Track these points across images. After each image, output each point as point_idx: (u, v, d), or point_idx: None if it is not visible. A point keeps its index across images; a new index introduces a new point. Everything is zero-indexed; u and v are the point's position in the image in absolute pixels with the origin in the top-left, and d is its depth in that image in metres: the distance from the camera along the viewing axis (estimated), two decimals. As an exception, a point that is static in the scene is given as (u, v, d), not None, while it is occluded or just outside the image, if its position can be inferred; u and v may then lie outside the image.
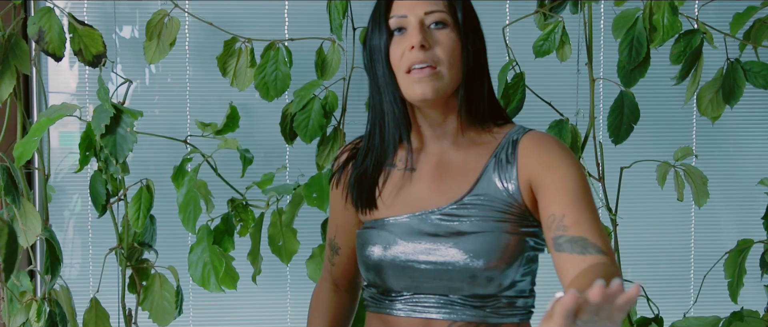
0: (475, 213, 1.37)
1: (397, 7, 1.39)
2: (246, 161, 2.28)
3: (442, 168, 1.43)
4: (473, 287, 1.35)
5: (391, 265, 1.40)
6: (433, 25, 1.37)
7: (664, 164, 2.29)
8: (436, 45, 1.36)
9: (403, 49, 1.37)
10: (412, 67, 1.35)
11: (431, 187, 1.42)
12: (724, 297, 2.40)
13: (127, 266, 2.29)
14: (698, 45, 2.20)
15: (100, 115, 2.03)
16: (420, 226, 1.39)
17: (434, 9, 1.37)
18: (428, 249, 1.37)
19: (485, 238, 1.34)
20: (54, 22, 2.11)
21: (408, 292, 1.40)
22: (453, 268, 1.34)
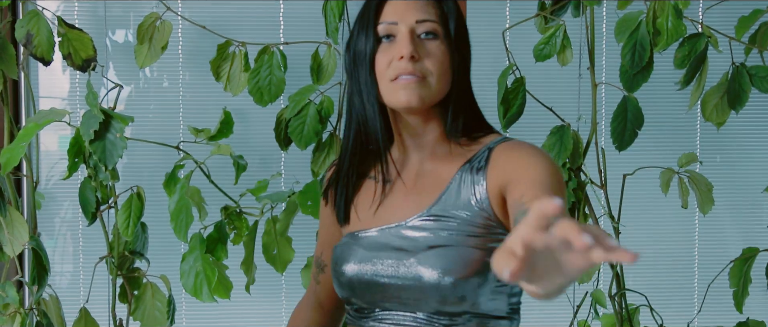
0: (442, 226, 1.30)
1: (387, 13, 1.33)
2: (240, 168, 2.23)
3: (417, 180, 1.37)
4: (442, 305, 1.28)
5: (359, 281, 1.34)
6: (423, 34, 1.32)
7: (668, 171, 2.24)
8: (425, 56, 1.30)
9: (391, 57, 1.31)
10: (399, 76, 1.30)
11: (403, 200, 1.36)
12: (728, 306, 2.35)
13: (117, 275, 2.24)
14: (703, 49, 2.15)
15: (88, 121, 1.98)
16: (387, 240, 1.33)
17: (426, 18, 1.31)
18: (394, 264, 1.30)
19: (451, 252, 1.27)
20: (42, 25, 2.06)
21: (378, 308, 1.34)
22: (419, 285, 1.27)
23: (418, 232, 1.31)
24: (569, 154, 2.17)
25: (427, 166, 1.37)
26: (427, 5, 1.33)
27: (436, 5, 1.34)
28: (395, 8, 1.33)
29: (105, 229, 2.22)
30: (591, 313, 2.38)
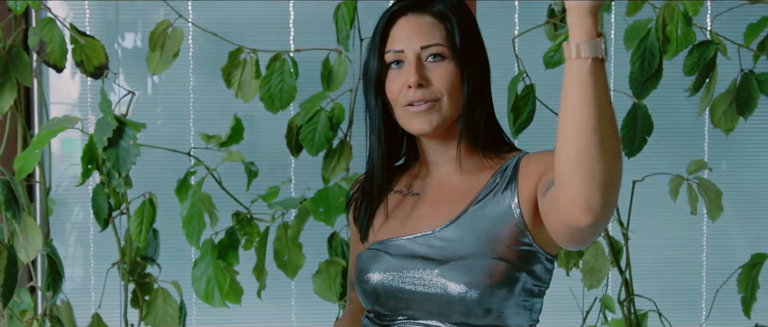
0: (470, 235, 1.31)
1: (393, 41, 1.34)
2: (251, 174, 2.25)
3: (444, 192, 1.38)
4: (466, 317, 1.28)
5: (384, 289, 1.34)
6: (430, 58, 1.32)
7: (678, 178, 2.25)
8: (433, 80, 1.31)
9: (401, 84, 1.32)
10: (411, 104, 1.31)
11: (431, 210, 1.37)
12: (736, 312, 2.37)
13: (129, 281, 2.26)
14: (712, 56, 2.17)
15: (102, 128, 1.99)
16: (414, 249, 1.34)
17: (431, 42, 1.32)
18: (420, 274, 1.31)
19: (478, 264, 1.28)
20: (55, 33, 2.08)
21: (402, 316, 1.34)
22: (445, 296, 1.28)
23: (446, 241, 1.32)
24: (579, 160, 2.19)
25: (455, 179, 1.38)
26: (433, 27, 1.33)
27: (442, 26, 1.34)
28: (400, 35, 1.34)
29: (117, 235, 2.24)
30: (600, 318, 2.40)
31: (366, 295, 1.38)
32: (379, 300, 1.36)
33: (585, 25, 1.04)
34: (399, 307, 1.33)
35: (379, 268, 1.35)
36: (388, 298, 1.34)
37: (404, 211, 1.40)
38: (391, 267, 1.34)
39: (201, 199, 2.17)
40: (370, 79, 1.37)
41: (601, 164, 1.03)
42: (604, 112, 1.03)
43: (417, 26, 1.33)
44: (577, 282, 2.38)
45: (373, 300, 1.37)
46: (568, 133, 1.05)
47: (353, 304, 1.56)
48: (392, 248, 1.37)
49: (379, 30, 1.36)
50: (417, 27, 1.33)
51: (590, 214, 1.05)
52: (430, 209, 1.37)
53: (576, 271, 2.35)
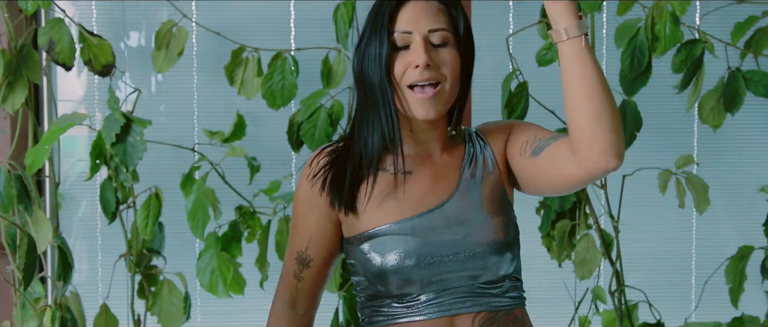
0: (470, 198, 1.42)
1: (401, 22, 1.38)
2: (253, 169, 2.32)
3: (435, 168, 1.46)
4: (497, 266, 1.40)
5: (417, 267, 1.39)
6: (437, 43, 1.39)
7: (666, 172, 2.32)
8: (441, 64, 1.38)
9: (406, 64, 1.37)
10: (415, 84, 1.38)
11: (430, 186, 1.44)
12: (725, 302, 2.43)
13: (136, 272, 2.33)
14: (699, 54, 2.24)
15: (110, 125, 2.07)
16: (433, 222, 1.41)
17: (438, 27, 1.38)
18: (453, 241, 1.39)
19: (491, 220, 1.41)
20: (64, 32, 2.15)
21: (432, 292, 1.40)
22: (476, 253, 1.39)
23: (457, 210, 1.41)
24: (571, 155, 2.26)
25: (437, 156, 1.46)
26: (439, 12, 1.40)
27: (446, 11, 1.41)
28: (409, 16, 1.39)
29: (124, 227, 2.31)
30: (591, 308, 2.46)
31: (385, 277, 1.40)
32: (400, 281, 1.39)
33: (567, 11, 1.27)
34: (430, 281, 1.39)
35: (401, 250, 1.39)
36: (417, 276, 1.38)
37: (403, 190, 1.43)
38: (414, 245, 1.39)
39: (205, 193, 2.24)
40: (376, 58, 1.39)
41: (615, 116, 1.28)
42: (602, 76, 1.28)
43: (425, 9, 1.39)
44: (569, 273, 2.45)
45: (391, 282, 1.40)
46: (582, 100, 1.27)
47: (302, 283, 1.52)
48: (406, 227, 1.40)
49: (387, 12, 1.39)
50: (425, 10, 1.39)
51: (619, 156, 1.29)
52: (430, 186, 1.43)
53: (568, 262, 2.42)
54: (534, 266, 2.72)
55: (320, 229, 1.48)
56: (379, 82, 1.39)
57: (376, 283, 1.42)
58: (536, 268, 2.70)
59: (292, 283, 1.52)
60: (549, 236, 2.42)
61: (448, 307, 1.39)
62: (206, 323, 2.67)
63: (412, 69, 1.37)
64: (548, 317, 2.65)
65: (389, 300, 1.42)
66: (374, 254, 1.41)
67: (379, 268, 1.40)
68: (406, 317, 1.41)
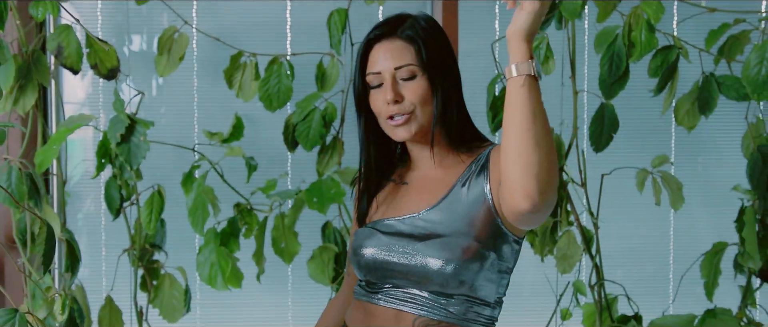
0: (448, 217, 1.53)
1: (372, 63, 1.56)
2: (251, 168, 2.43)
3: (427, 182, 1.60)
4: (443, 288, 1.50)
5: (374, 262, 1.56)
6: (403, 78, 1.53)
7: (643, 171, 2.43)
8: (407, 96, 1.52)
9: (382, 101, 1.54)
10: (390, 116, 1.54)
11: (417, 196, 1.59)
12: (701, 296, 2.54)
13: (139, 266, 2.44)
14: (674, 60, 2.34)
15: (115, 125, 2.18)
16: (401, 228, 1.56)
17: (403, 64, 1.52)
18: (405, 250, 1.52)
19: (453, 241, 1.48)
20: (72, 38, 2.25)
21: (388, 284, 1.56)
22: (424, 270, 1.50)
23: (429, 222, 1.54)
24: (552, 155, 2.36)
25: (435, 172, 1.60)
26: (404, 50, 1.53)
27: (412, 47, 1.53)
28: (377, 58, 1.55)
29: (128, 223, 2.42)
30: (573, 301, 2.56)
31: (360, 266, 1.59)
32: (371, 271, 1.57)
33: (521, 49, 1.37)
34: (386, 277, 1.55)
35: (372, 244, 1.57)
36: (377, 269, 1.55)
37: (395, 197, 1.63)
38: (381, 243, 1.56)
39: (204, 191, 2.35)
40: (356, 98, 1.61)
41: (535, 158, 1.30)
42: (536, 117, 1.32)
43: (390, 50, 1.54)
44: (551, 268, 2.55)
45: (365, 271, 1.59)
46: (509, 135, 1.32)
47: (350, 277, 1.78)
48: (383, 227, 1.58)
49: (359, 55, 1.59)
50: (390, 50, 1.54)
51: (529, 200, 1.31)
52: (416, 196, 1.59)
53: (550, 257, 2.52)
54: (521, 262, 2.81)
55: None
56: (362, 119, 1.62)
57: (355, 266, 1.62)
58: (522, 264, 2.80)
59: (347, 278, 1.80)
60: (532, 232, 2.52)
61: (397, 302, 1.54)
62: (205, 315, 2.78)
63: (386, 105, 1.53)
64: (532, 309, 2.77)
65: (361, 282, 1.63)
66: (355, 242, 1.61)
67: (354, 256, 1.60)
68: (367, 298, 1.59)
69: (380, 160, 1.67)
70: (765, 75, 2.22)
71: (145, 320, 2.49)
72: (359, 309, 1.62)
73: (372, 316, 1.58)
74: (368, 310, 1.59)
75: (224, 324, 2.80)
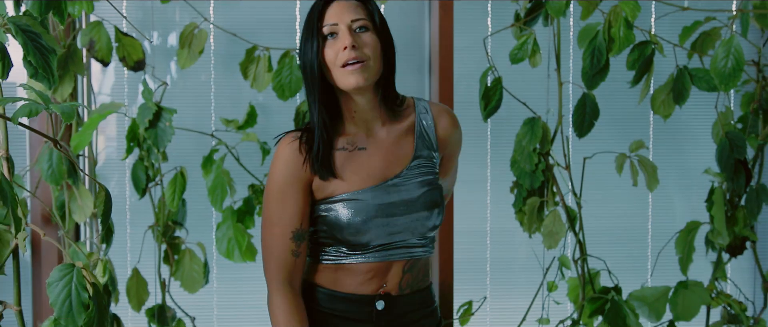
0: (419, 172, 1.81)
1: (328, 17, 1.72)
2: (264, 152, 2.66)
3: (385, 145, 1.81)
4: (426, 230, 1.80)
5: (375, 226, 1.75)
6: (358, 29, 1.72)
7: (621, 156, 2.65)
8: (363, 45, 1.70)
9: (336, 49, 1.70)
10: (346, 63, 1.69)
11: (384, 161, 1.80)
12: (676, 271, 2.76)
13: (162, 242, 2.67)
14: (650, 54, 2.55)
15: (144, 112, 2.42)
16: (388, 192, 1.78)
17: (358, 17, 1.72)
18: (402, 208, 1.77)
19: (433, 194, 1.81)
20: (103, 33, 2.49)
21: (380, 243, 1.77)
22: (419, 218, 1.78)
23: (407, 180, 1.79)
24: (539, 140, 2.59)
25: (383, 133, 1.81)
26: (358, 8, 1.74)
27: (364, 7, 1.76)
28: (333, 12, 1.73)
29: (153, 202, 2.65)
30: (558, 274, 2.78)
31: (349, 234, 1.75)
32: (360, 236, 1.76)
33: None
34: (382, 237, 1.77)
35: (364, 213, 1.75)
36: (374, 233, 1.76)
37: (360, 165, 1.79)
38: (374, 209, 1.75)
39: (223, 173, 2.58)
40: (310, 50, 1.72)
41: None
42: None
43: (345, 6, 1.74)
44: (538, 244, 2.78)
45: (352, 236, 1.76)
46: None
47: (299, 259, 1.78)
48: (367, 194, 1.76)
49: (315, 13, 1.74)
50: (345, 7, 1.74)
51: None
52: (383, 159, 1.80)
53: (538, 234, 2.73)
54: (512, 239, 3.05)
55: (305, 201, 1.78)
56: (312, 70, 1.73)
57: (336, 233, 1.76)
58: (513, 241, 3.03)
59: (289, 261, 1.77)
60: (521, 212, 2.74)
61: (390, 254, 1.79)
62: (222, 288, 3.01)
63: (342, 51, 1.70)
64: (521, 282, 2.99)
65: (343, 247, 1.79)
66: (342, 214, 1.75)
67: (353, 225, 1.74)
68: (352, 260, 1.78)
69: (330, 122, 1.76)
70: (731, 68, 2.44)
71: (167, 291, 2.72)
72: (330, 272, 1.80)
73: (358, 273, 1.79)
74: (351, 270, 1.78)
75: (239, 295, 3.03)
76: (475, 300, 2.78)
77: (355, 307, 1.79)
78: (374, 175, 1.78)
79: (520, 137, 2.62)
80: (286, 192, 1.76)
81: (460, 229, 2.89)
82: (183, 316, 2.76)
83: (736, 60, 2.42)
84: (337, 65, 1.71)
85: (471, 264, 3.04)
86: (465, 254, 2.97)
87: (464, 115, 2.37)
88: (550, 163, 2.66)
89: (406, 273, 1.82)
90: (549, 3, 2.49)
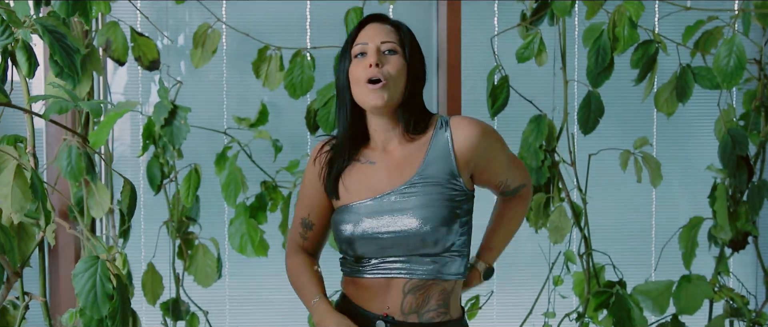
0: (421, 190, 1.76)
1: (361, 37, 1.81)
2: (276, 149, 2.72)
3: (393, 161, 1.83)
4: (425, 248, 1.74)
5: (362, 238, 1.77)
6: (386, 51, 1.78)
7: (625, 152, 2.70)
8: (387, 65, 1.76)
9: (363, 66, 1.77)
10: (369, 80, 1.75)
11: (386, 175, 1.82)
12: (679, 265, 2.80)
13: (176, 237, 2.73)
14: (653, 53, 2.60)
15: (159, 110, 2.48)
16: (381, 206, 1.79)
17: (388, 40, 1.79)
18: (389, 222, 1.77)
19: (430, 210, 1.74)
20: (119, 34, 2.54)
21: (375, 258, 1.79)
22: (408, 233, 1.73)
23: (404, 196, 1.77)
24: (545, 137, 2.65)
25: (398, 152, 1.83)
26: (390, 32, 1.81)
27: (396, 33, 1.82)
28: (366, 33, 1.81)
29: (167, 198, 2.71)
30: (563, 269, 2.83)
31: (343, 242, 1.81)
32: (353, 246, 1.80)
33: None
34: (372, 251, 1.78)
35: (353, 223, 1.79)
36: (362, 245, 1.78)
37: (366, 177, 1.83)
38: (362, 221, 1.78)
39: (235, 170, 2.64)
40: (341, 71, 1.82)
41: None
42: None
43: (378, 29, 1.82)
44: (544, 239, 2.82)
45: (347, 246, 1.81)
46: None
47: (307, 242, 1.94)
48: (361, 207, 1.80)
49: (352, 35, 1.84)
50: (378, 29, 1.82)
51: None
52: (386, 175, 1.82)
53: (544, 230, 2.77)
54: (518, 234, 3.07)
55: (319, 202, 1.91)
56: (342, 87, 1.84)
57: (343, 245, 1.83)
58: (519, 236, 3.06)
59: (298, 240, 1.96)
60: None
61: (386, 271, 1.78)
62: (234, 282, 3.08)
63: (367, 68, 1.77)
64: (527, 276, 3.04)
65: (351, 259, 1.84)
66: (341, 224, 1.81)
67: (344, 235, 1.81)
68: (359, 274, 1.81)
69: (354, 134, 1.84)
70: (733, 66, 2.50)
71: (181, 285, 2.78)
72: (350, 285, 1.85)
73: (364, 288, 1.81)
74: (359, 285, 1.82)
75: (251, 290, 3.10)
76: (483, 294, 2.82)
77: (360, 324, 1.79)
78: (372, 189, 1.81)
79: (527, 134, 2.68)
80: (306, 187, 1.93)
81: (468, 224, 2.93)
82: (196, 310, 2.82)
83: (738, 58, 2.47)
84: (360, 82, 1.77)
85: (479, 259, 3.06)
86: (472, 250, 3.00)
87: (472, 112, 2.42)
88: (556, 160, 2.71)
89: (407, 294, 1.77)
90: (555, 3, 2.55)
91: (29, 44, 1.57)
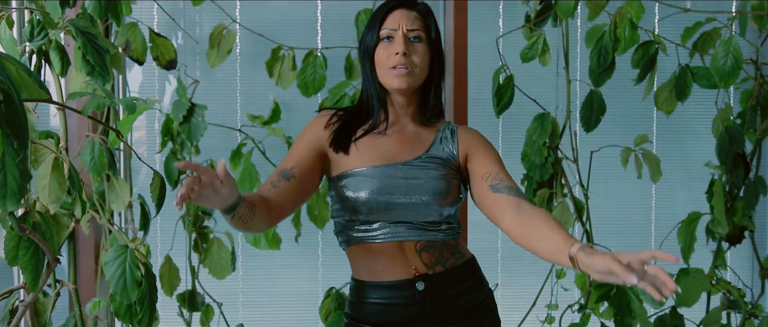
0: (431, 165, 1.88)
1: (389, 21, 1.89)
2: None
3: (405, 135, 1.94)
4: (430, 216, 1.86)
5: (376, 201, 1.83)
6: (413, 38, 1.89)
7: (626, 149, 2.79)
8: (413, 53, 1.88)
9: (390, 52, 1.86)
10: (395, 66, 1.85)
11: (399, 147, 1.92)
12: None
13: (192, 231, 2.82)
14: (653, 53, 2.69)
15: (178, 108, 2.57)
16: (395, 172, 1.87)
17: (415, 27, 1.88)
18: (403, 189, 1.86)
19: (441, 183, 1.86)
20: (138, 34, 2.64)
21: (386, 221, 1.85)
22: (420, 202, 1.86)
23: (416, 168, 1.88)
24: (548, 135, 2.74)
25: (410, 128, 1.95)
26: (417, 19, 1.91)
27: (422, 19, 1.92)
28: (395, 18, 1.90)
29: (184, 193, 2.80)
30: (566, 262, 2.90)
31: (357, 205, 1.86)
32: (372, 211, 1.86)
33: None
34: (389, 214, 1.86)
35: (369, 187, 1.85)
36: (376, 208, 1.85)
37: (379, 146, 1.91)
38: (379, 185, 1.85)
39: (249, 165, 2.73)
40: (368, 48, 1.90)
41: None
42: None
43: (406, 15, 1.90)
44: (548, 233, 2.89)
45: (367, 211, 1.87)
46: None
47: (277, 190, 1.86)
48: (375, 171, 1.87)
49: (380, 15, 1.92)
50: (406, 16, 1.90)
51: None
52: (398, 146, 1.92)
53: (547, 224, 2.85)
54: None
55: (310, 159, 1.91)
56: (366, 67, 1.92)
57: (349, 211, 1.88)
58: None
59: (267, 185, 1.88)
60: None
61: (397, 234, 1.87)
62: (247, 275, 3.17)
63: (394, 56, 1.86)
64: (530, 270, 3.12)
65: (357, 225, 1.89)
66: (350, 189, 1.86)
67: (352, 199, 1.86)
68: (371, 240, 1.88)
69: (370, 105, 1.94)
70: (730, 66, 2.57)
71: (197, 278, 2.87)
72: (361, 251, 1.91)
73: (380, 253, 1.88)
74: (373, 250, 1.89)
75: (264, 283, 3.18)
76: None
77: (399, 292, 1.88)
78: (385, 157, 1.90)
79: (531, 132, 2.77)
80: (298, 143, 1.94)
81: (474, 220, 3.00)
82: (210, 302, 2.91)
83: (735, 59, 2.55)
84: (386, 66, 1.88)
85: (484, 253, 3.14)
86: (478, 244, 3.10)
87: (477, 111, 2.49)
88: (559, 157, 2.80)
89: (421, 252, 1.88)
90: (558, 5, 2.63)
91: (62, 45, 1.67)
